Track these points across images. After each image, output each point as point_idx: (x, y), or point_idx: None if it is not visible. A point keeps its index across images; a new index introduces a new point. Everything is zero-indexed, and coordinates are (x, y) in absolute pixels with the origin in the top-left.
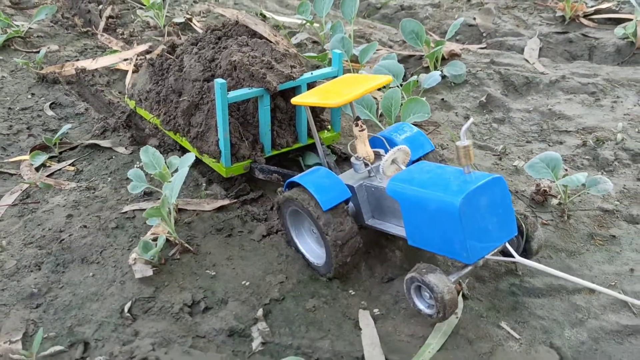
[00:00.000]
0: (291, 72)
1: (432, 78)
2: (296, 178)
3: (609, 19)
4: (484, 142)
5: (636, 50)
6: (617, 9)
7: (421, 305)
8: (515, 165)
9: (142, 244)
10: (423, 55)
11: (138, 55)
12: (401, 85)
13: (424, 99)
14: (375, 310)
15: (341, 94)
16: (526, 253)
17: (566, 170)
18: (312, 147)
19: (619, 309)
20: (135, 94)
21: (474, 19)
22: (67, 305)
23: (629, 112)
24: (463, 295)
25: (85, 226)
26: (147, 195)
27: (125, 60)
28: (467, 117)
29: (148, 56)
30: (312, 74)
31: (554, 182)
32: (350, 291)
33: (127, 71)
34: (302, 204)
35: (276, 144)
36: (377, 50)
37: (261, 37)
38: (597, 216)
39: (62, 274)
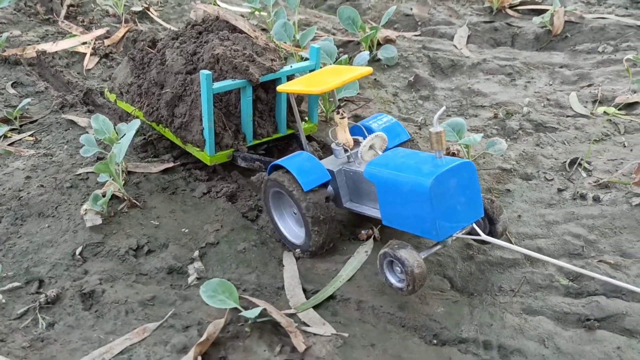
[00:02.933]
0: (272, 65)
1: (361, 57)
2: (279, 161)
3: (533, 10)
4: (408, 115)
5: (552, 37)
6: (540, 0)
7: (392, 279)
8: None
9: (93, 196)
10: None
11: (96, 39)
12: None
13: None
14: (298, 250)
15: (324, 83)
16: (491, 235)
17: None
18: (290, 137)
19: (502, 247)
20: (115, 88)
21: (411, 9)
22: (24, 250)
23: (539, 91)
24: (374, 238)
25: (42, 186)
26: (100, 160)
27: (84, 43)
28: (395, 95)
29: (107, 41)
30: (291, 66)
31: (459, 145)
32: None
33: (85, 54)
34: (284, 185)
35: (257, 134)
36: (320, 36)
37: (241, 32)
38: (497, 174)
39: (20, 226)
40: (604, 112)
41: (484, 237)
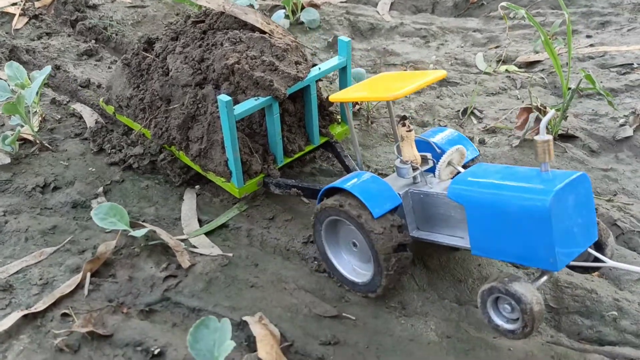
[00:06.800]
0: (297, 72)
1: (277, 15)
2: (338, 184)
3: None
4: None
5: (470, 5)
6: None
7: (499, 321)
8: None
9: (2, 136)
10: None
11: (26, 0)
12: None
13: None
14: (197, 186)
15: (395, 88)
16: (599, 261)
17: None
18: (324, 147)
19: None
20: (113, 99)
21: None
22: None
23: (449, 52)
24: None
25: None
26: None
27: (14, 4)
28: (314, 54)
29: (37, 3)
30: (319, 68)
31: None
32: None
33: (14, 14)
34: (348, 213)
35: (288, 151)
36: None
37: (253, 29)
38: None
39: None
40: (506, 70)
41: (610, 263)
